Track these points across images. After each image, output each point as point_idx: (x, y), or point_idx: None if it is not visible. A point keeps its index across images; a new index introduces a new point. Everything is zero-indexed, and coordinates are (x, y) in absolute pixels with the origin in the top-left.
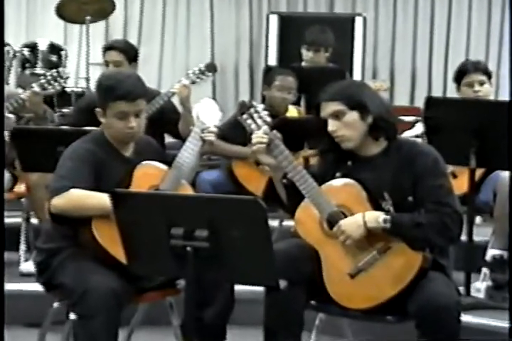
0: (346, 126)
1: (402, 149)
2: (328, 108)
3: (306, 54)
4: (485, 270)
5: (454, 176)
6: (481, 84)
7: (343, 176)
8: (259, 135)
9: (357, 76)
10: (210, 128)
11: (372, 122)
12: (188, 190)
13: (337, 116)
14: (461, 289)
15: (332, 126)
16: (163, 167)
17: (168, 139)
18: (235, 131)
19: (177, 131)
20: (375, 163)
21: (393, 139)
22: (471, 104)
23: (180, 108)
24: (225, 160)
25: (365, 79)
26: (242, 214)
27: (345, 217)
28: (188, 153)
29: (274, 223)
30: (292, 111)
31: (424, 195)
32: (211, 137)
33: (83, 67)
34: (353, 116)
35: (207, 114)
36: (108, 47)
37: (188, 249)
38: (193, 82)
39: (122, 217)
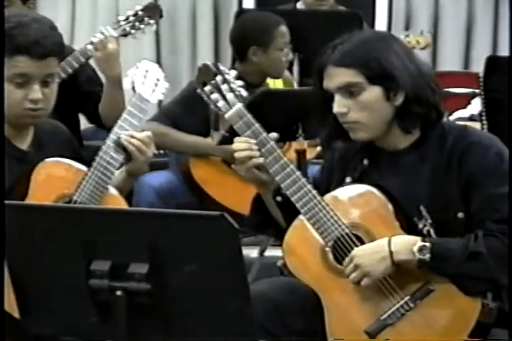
0: (363, 109)
1: (448, 139)
2: (338, 77)
3: None
4: None
5: None
6: None
7: (358, 181)
8: (246, 146)
9: (381, 25)
10: (138, 134)
11: (402, 103)
12: (118, 202)
13: (350, 91)
14: None
15: (340, 105)
16: (79, 166)
17: (87, 124)
18: (191, 112)
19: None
20: (407, 161)
21: (434, 126)
22: None
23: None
24: (178, 157)
25: (393, 30)
26: (201, 239)
27: (362, 243)
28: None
29: (251, 253)
30: (278, 80)
31: (482, 210)
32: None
33: None
34: (374, 93)
35: (146, 86)
36: None
37: (119, 293)
38: (125, 35)
39: (13, 243)
